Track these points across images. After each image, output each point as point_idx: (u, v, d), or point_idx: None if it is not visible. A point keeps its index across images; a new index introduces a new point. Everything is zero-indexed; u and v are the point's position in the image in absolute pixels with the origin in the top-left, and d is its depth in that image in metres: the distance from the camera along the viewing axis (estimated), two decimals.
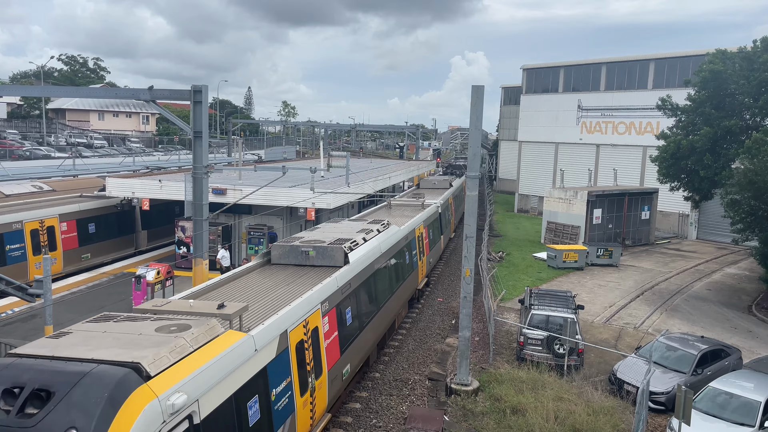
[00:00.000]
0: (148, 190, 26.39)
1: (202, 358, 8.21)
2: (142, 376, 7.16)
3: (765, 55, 26.11)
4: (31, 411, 6.42)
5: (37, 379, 6.68)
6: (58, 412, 6.33)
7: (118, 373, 6.94)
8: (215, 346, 8.67)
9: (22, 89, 42.84)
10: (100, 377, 6.80)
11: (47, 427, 6.21)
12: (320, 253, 15.10)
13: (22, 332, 17.88)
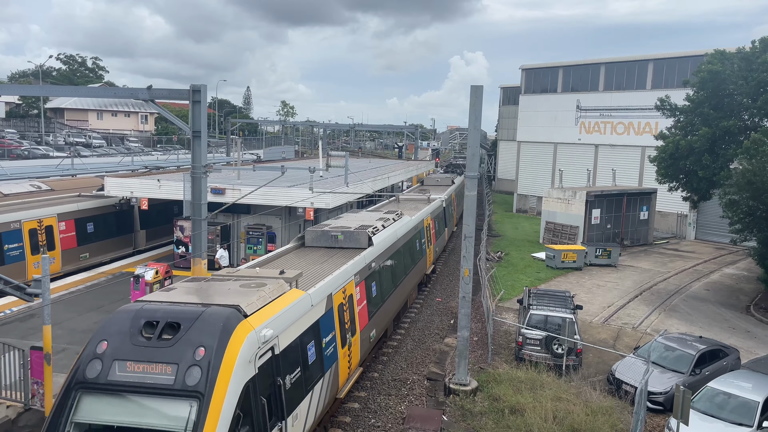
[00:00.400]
0: (147, 190, 26.36)
1: (278, 307, 10.68)
2: (242, 314, 9.53)
3: (764, 56, 26.16)
4: (166, 337, 8.76)
5: (168, 316, 9.05)
6: (188, 336, 8.70)
7: (226, 311, 9.36)
8: (285, 300, 11.11)
9: (20, 88, 42.80)
10: (214, 313, 9.21)
11: (182, 345, 8.60)
12: (347, 237, 17.53)
13: (21, 331, 17.86)
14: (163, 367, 8.43)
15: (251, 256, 25.90)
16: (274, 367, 9.99)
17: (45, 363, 12.80)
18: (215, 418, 8.06)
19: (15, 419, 12.82)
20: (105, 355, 8.63)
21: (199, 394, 8.19)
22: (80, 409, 8.36)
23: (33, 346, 13.13)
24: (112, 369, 8.49)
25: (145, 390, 8.32)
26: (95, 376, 8.47)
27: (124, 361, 8.54)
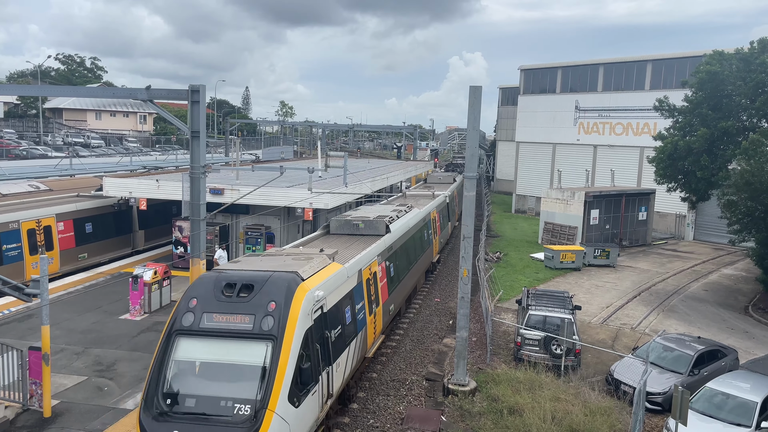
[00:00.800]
0: (146, 190, 26.32)
1: (324, 275, 13.06)
2: (300, 278, 11.87)
3: (762, 57, 26.20)
4: (243, 295, 11.06)
5: (243, 279, 11.35)
6: (261, 294, 11.01)
7: (289, 275, 11.76)
8: (328, 270, 13.52)
9: (19, 88, 42.74)
10: (280, 277, 11.58)
11: (258, 300, 10.92)
12: (368, 225, 19.89)
13: (19, 332, 17.84)
14: (243, 317, 10.84)
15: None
16: (323, 322, 12.37)
17: (43, 363, 12.79)
18: (286, 354, 10.50)
19: (13, 419, 12.81)
20: (196, 309, 11.01)
21: (273, 337, 10.60)
22: (178, 350, 10.72)
23: (31, 347, 13.13)
24: (202, 319, 10.88)
25: (229, 334, 10.70)
26: (189, 325, 10.85)
27: (211, 313, 10.92)
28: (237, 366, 10.51)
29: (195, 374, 10.50)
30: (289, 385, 10.44)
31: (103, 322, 19.12)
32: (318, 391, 11.71)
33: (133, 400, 13.78)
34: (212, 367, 10.54)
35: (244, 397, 10.09)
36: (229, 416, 9.88)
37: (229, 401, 10.05)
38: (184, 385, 10.37)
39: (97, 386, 14.49)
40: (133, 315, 19.83)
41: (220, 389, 10.25)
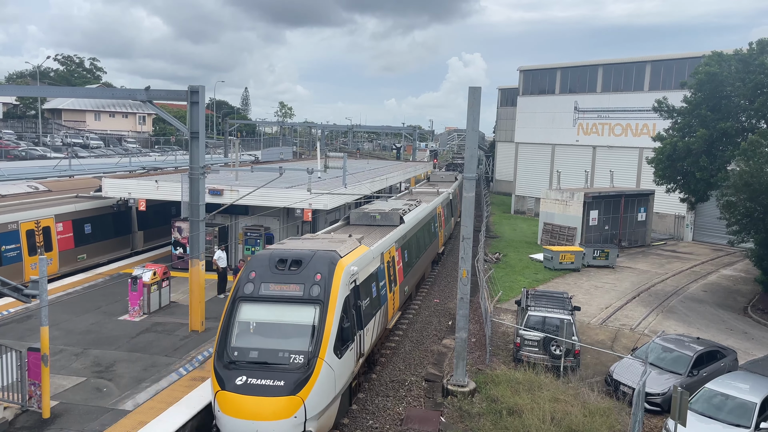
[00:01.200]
0: (145, 191, 26.30)
1: (356, 254, 15.53)
2: (339, 255, 14.35)
3: (761, 58, 26.22)
4: (293, 268, 13.55)
5: (293, 255, 13.86)
6: (309, 268, 13.45)
7: (330, 253, 14.27)
8: (358, 251, 16.01)
9: (18, 89, 42.72)
10: (323, 254, 14.08)
11: (306, 273, 13.34)
12: (384, 217, 22.48)
13: (18, 333, 17.82)
14: (294, 286, 13.33)
15: (248, 257, 25.83)
16: (356, 293, 14.87)
17: (42, 364, 12.77)
18: (331, 315, 13.00)
19: (12, 420, 12.79)
20: (255, 280, 13.47)
21: (320, 302, 13.11)
22: (242, 313, 13.17)
23: (30, 348, 13.10)
24: (260, 288, 13.34)
25: (283, 300, 13.24)
26: (250, 293, 13.33)
27: (268, 283, 13.37)
28: (291, 325, 13.02)
29: (256, 332, 13.03)
30: (334, 339, 12.92)
31: (102, 323, 19.10)
32: (354, 349, 14.18)
33: (132, 401, 13.77)
34: (270, 326, 13.08)
35: (298, 349, 12.57)
36: (286, 364, 12.37)
37: (286, 352, 12.53)
38: (247, 340, 12.87)
39: (96, 387, 14.47)
40: (132, 316, 19.81)
41: (278, 343, 12.73)
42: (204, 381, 14.90)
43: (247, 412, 11.76)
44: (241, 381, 12.06)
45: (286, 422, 11.71)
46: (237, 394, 11.92)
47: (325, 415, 12.64)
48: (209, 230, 24.56)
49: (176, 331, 18.57)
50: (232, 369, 12.34)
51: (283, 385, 11.99)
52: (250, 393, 11.89)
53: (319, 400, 12.29)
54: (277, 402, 11.80)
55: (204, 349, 17.16)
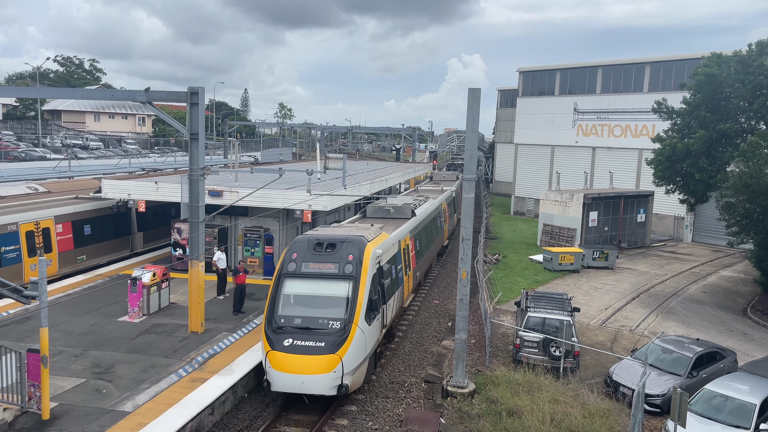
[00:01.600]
0: (144, 192, 26.29)
1: (379, 240, 18.10)
2: (366, 240, 16.83)
3: (760, 59, 26.26)
4: (329, 250, 16.02)
5: (328, 239, 16.37)
6: (342, 250, 15.93)
7: (359, 237, 16.78)
8: (381, 237, 18.63)
9: (17, 90, 42.68)
10: (354, 238, 16.56)
11: (340, 254, 15.87)
12: (397, 210, 25.03)
13: (17, 334, 17.81)
14: (330, 265, 15.82)
15: (249, 258, 25.87)
16: (381, 273, 17.18)
17: (42, 365, 12.77)
18: (362, 289, 15.54)
19: (12, 422, 12.78)
20: (297, 260, 16.07)
21: (353, 277, 15.64)
22: (286, 287, 15.73)
23: (30, 349, 13.09)
24: (301, 266, 15.92)
25: (321, 276, 15.79)
26: (293, 270, 15.92)
27: (308, 262, 15.96)
28: (329, 297, 15.47)
29: (299, 303, 15.51)
30: (365, 309, 15.38)
31: (101, 324, 19.09)
32: (379, 319, 16.61)
33: (131, 402, 13.76)
34: (311, 298, 15.56)
35: (335, 316, 15.07)
36: (326, 329, 14.84)
37: (325, 319, 15.03)
38: (292, 310, 15.36)
39: (95, 388, 14.46)
40: (131, 317, 19.80)
41: (318, 312, 15.22)
42: (203, 382, 14.93)
43: (295, 367, 14.22)
44: (288, 343, 14.60)
45: (327, 376, 14.19)
46: (285, 353, 14.41)
47: (357, 372, 15.00)
48: (209, 231, 24.55)
49: (176, 333, 18.56)
50: (280, 333, 14.86)
51: (324, 346, 14.47)
52: (296, 352, 14.38)
53: (353, 358, 14.70)
54: (320, 359, 14.27)
55: (203, 350, 17.16)
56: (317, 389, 14.31)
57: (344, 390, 14.40)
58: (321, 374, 14.16)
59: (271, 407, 15.35)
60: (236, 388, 15.29)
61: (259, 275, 25.73)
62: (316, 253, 16.15)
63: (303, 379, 14.18)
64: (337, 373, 14.24)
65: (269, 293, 15.75)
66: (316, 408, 15.06)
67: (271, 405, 15.47)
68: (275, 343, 14.65)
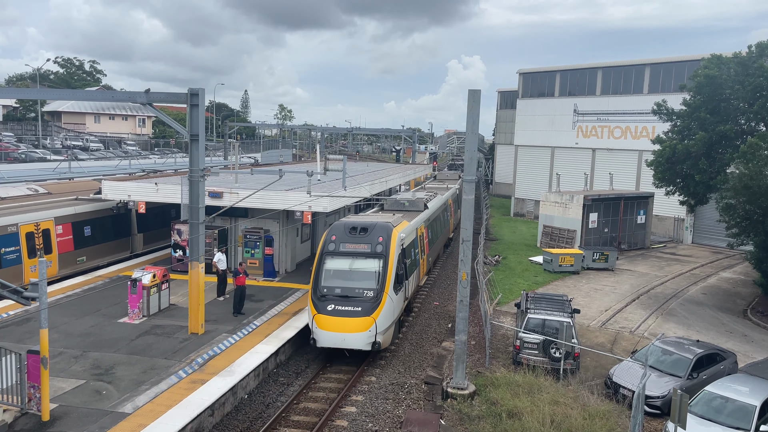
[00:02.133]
0: (144, 193, 26.29)
1: (402, 226, 21.27)
2: (392, 225, 20.08)
3: (760, 61, 26.28)
4: (362, 233, 19.47)
5: (361, 224, 19.68)
6: (373, 233, 19.16)
7: (386, 223, 20.00)
8: (403, 224, 21.72)
9: (17, 91, 42.66)
10: (381, 224, 19.82)
11: (371, 236, 19.11)
12: (411, 203, 27.33)
13: (17, 335, 17.81)
14: (364, 245, 19.03)
15: (249, 259, 25.87)
16: (403, 254, 20.33)
17: (42, 367, 12.76)
18: (390, 265, 18.74)
19: (12, 423, 12.78)
20: (336, 241, 19.31)
21: (383, 255, 18.82)
22: (327, 263, 18.97)
23: (30, 350, 13.09)
24: (339, 246, 19.16)
25: (357, 254, 18.99)
26: (332, 249, 19.14)
27: (345, 243, 19.13)
28: (363, 271, 18.81)
29: (339, 276, 18.80)
30: (393, 281, 18.70)
31: (101, 326, 19.09)
32: (403, 291, 19.93)
33: (131, 403, 13.76)
34: (348, 272, 18.91)
35: (369, 287, 18.40)
36: (361, 297, 18.16)
37: (361, 289, 18.36)
38: (333, 281, 18.63)
39: (95, 390, 14.46)
40: (131, 318, 19.80)
41: (355, 283, 18.54)
42: (203, 383, 14.95)
43: (337, 327, 17.48)
44: (331, 308, 17.87)
45: (364, 334, 17.48)
46: (329, 316, 17.71)
47: (387, 332, 18.24)
48: (209, 233, 24.56)
49: (176, 334, 18.56)
50: (324, 300, 18.16)
51: (360, 310, 17.79)
52: (338, 315, 17.67)
53: (384, 321, 17.98)
54: (358, 321, 17.55)
55: (203, 351, 17.16)
56: (355, 344, 17.58)
57: (377, 346, 17.71)
58: (359, 333, 17.48)
59: (271, 408, 15.35)
60: (236, 390, 15.28)
61: (259, 276, 25.74)
62: (351, 235, 19.43)
63: (344, 336, 17.49)
64: (372, 332, 17.57)
65: (313, 269, 19.14)
66: (320, 407, 15.03)
67: (271, 406, 15.48)
68: (320, 309, 17.93)
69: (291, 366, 18.22)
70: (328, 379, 17.41)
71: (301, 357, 18.99)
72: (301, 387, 16.60)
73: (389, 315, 18.29)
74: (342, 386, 16.77)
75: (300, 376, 17.56)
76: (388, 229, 19.66)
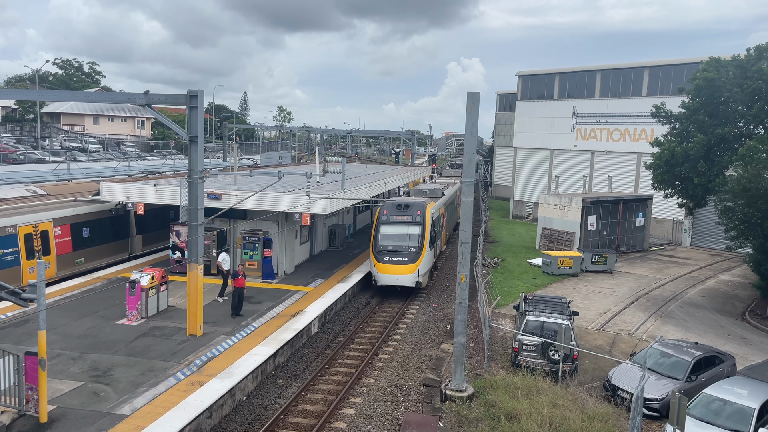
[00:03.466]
0: (143, 195, 26.26)
1: (432, 204, 30.28)
2: (426, 203, 29.24)
3: (758, 64, 26.30)
4: (405, 208, 27.94)
5: (404, 202, 28.66)
6: (413, 208, 27.95)
7: (423, 201, 29.67)
8: (432, 203, 30.79)
9: (17, 93, 42.60)
10: (419, 202, 29.12)
11: (412, 210, 27.75)
12: (432, 192, 36.52)
13: (15, 337, 17.78)
14: (407, 216, 27.13)
15: (247, 261, 25.86)
16: (434, 224, 28.35)
17: (40, 368, 12.74)
18: (426, 230, 27.00)
19: (9, 425, 12.75)
20: (387, 214, 27.47)
21: (421, 223, 26.99)
22: (381, 229, 27.10)
23: (28, 352, 13.06)
24: (390, 217, 27.32)
25: (402, 222, 27.08)
26: (385, 219, 27.28)
27: (393, 215, 27.35)
28: (407, 234, 26.55)
29: (390, 238, 26.52)
30: (428, 241, 26.77)
31: (99, 327, 19.06)
32: (434, 249, 28.23)
33: (129, 405, 13.74)
34: (397, 235, 26.63)
35: (413, 244, 26.29)
36: (407, 251, 25.90)
37: (407, 246, 26.16)
38: (386, 241, 26.47)
39: (93, 392, 14.44)
40: (130, 320, 19.78)
41: (402, 242, 26.38)
42: (202, 385, 14.93)
43: (392, 271, 25.72)
44: (387, 259, 26.02)
45: (410, 275, 25.70)
46: (386, 264, 25.87)
47: (425, 276, 26.79)
48: (207, 234, 24.53)
49: (174, 336, 18.53)
50: (381, 254, 26.27)
51: (407, 260, 25.93)
52: (392, 263, 25.84)
53: (423, 267, 26.26)
54: (406, 266, 25.76)
55: (202, 353, 17.14)
56: (405, 282, 25.80)
57: (419, 284, 26.17)
58: (407, 274, 25.72)
59: (269, 410, 15.33)
60: (234, 392, 15.26)
61: (257, 278, 25.72)
62: (398, 210, 27.62)
63: (397, 277, 25.76)
64: (415, 274, 25.81)
65: (372, 234, 27.46)
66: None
67: (269, 408, 15.46)
68: (379, 259, 26.13)
69: (289, 368, 18.20)
70: (327, 381, 17.39)
71: (300, 359, 18.98)
72: (300, 389, 16.57)
73: (427, 264, 26.92)
74: (340, 388, 16.74)
75: (298, 378, 17.53)
76: (423, 206, 28.11)
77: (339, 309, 24.28)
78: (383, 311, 24.83)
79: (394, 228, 26.66)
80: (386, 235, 26.55)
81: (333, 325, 22.62)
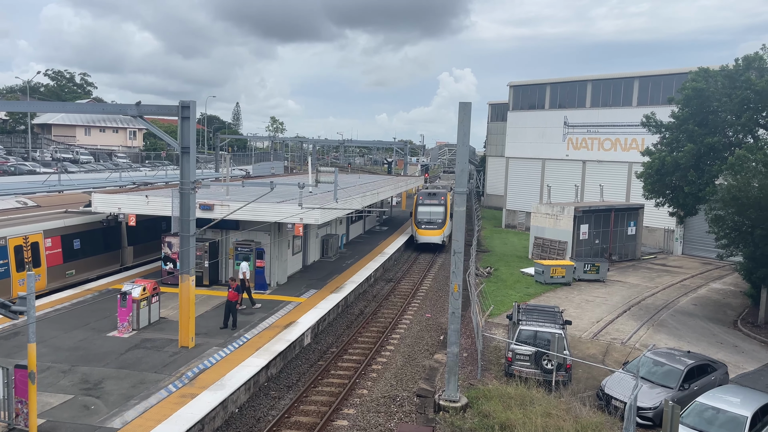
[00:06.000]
0: (135, 206, 26.17)
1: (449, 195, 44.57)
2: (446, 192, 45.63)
3: (746, 74, 26.58)
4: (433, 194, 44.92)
5: (432, 190, 46.76)
6: (438, 195, 44.80)
7: (444, 190, 46.96)
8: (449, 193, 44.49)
9: (7, 104, 42.41)
10: (441, 191, 46.23)
11: (437, 197, 44.57)
12: (445, 186, 57.55)
13: (5, 350, 17.60)
14: (435, 201, 43.82)
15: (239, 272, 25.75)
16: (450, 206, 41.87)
17: (29, 382, 12.60)
18: (447, 209, 42.79)
19: None
20: (421, 199, 44.14)
21: (444, 205, 43.35)
22: (419, 209, 43.35)
23: (17, 365, 12.94)
24: (424, 201, 43.84)
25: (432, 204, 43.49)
26: (420, 201, 43.87)
27: (425, 200, 43.97)
28: (435, 211, 42.73)
29: (425, 214, 42.74)
30: (449, 217, 41.85)
31: (90, 340, 18.91)
32: (449, 225, 40.20)
33: (120, 418, 13.61)
34: (429, 212, 42.82)
35: (439, 219, 42.57)
36: (436, 222, 42.50)
37: (436, 218, 42.63)
38: (422, 216, 42.79)
39: (83, 405, 14.30)
40: (121, 332, 19.64)
41: (432, 216, 42.72)
42: (193, 397, 14.83)
43: (427, 234, 41.80)
44: (423, 226, 42.02)
45: (438, 236, 41.61)
46: (423, 229, 41.89)
47: (447, 239, 41.48)
48: (199, 245, 24.44)
49: (165, 348, 18.41)
50: (419, 223, 42.20)
51: (436, 228, 41.86)
52: (427, 229, 41.90)
53: (446, 232, 41.42)
54: (436, 231, 41.82)
55: (194, 365, 17.03)
56: (435, 240, 41.23)
57: (444, 243, 41.68)
58: (436, 236, 41.36)
59: (262, 422, 15.22)
60: (227, 404, 15.16)
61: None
62: (429, 197, 43.30)
63: (430, 237, 41.40)
64: (442, 236, 41.26)
65: (413, 211, 43.02)
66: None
67: (262, 420, 15.35)
68: (419, 226, 41.75)
69: (282, 379, 18.10)
70: (320, 393, 17.31)
71: (293, 370, 18.88)
72: (293, 400, 16.49)
73: (448, 230, 39.56)
74: (334, 399, 16.66)
75: (291, 390, 17.44)
76: (444, 193, 43.48)
77: (332, 319, 24.21)
78: (377, 321, 24.77)
79: (427, 208, 42.44)
80: (422, 212, 42.32)
81: (326, 335, 22.55)
